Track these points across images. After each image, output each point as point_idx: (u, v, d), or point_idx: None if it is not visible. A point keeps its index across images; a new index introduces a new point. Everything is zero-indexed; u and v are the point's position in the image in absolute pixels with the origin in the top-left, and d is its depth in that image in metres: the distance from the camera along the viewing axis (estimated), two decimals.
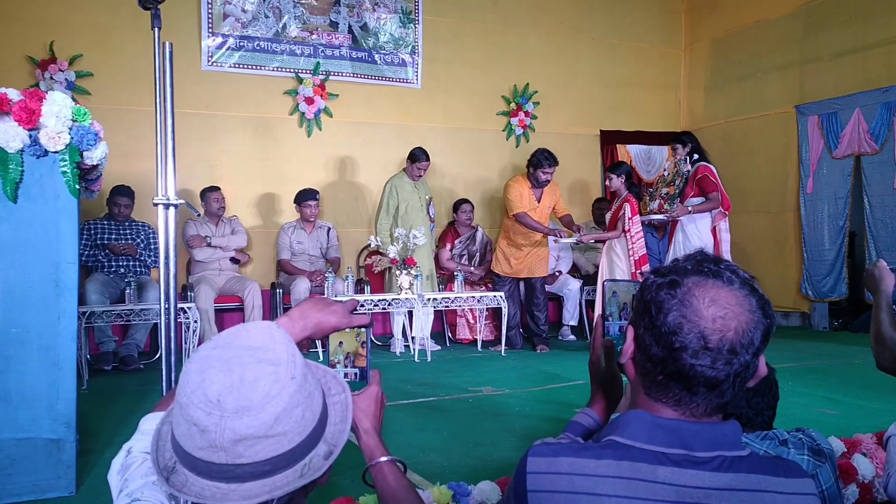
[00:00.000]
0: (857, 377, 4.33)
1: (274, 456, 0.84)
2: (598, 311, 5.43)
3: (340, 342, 1.32)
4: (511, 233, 5.74)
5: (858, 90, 6.28)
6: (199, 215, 4.40)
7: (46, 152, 2.35)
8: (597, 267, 6.65)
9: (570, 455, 1.03)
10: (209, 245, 5.52)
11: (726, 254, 5.60)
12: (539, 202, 5.71)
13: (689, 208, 5.51)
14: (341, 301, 1.29)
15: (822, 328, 6.72)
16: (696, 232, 5.54)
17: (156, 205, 2.05)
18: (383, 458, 1.21)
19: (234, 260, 5.76)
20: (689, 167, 5.59)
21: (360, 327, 1.30)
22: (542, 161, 5.60)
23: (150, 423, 1.12)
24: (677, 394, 1.02)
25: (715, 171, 5.61)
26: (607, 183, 5.68)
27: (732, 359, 0.98)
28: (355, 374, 1.32)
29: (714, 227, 5.62)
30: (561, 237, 5.56)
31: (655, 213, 5.65)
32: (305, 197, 5.83)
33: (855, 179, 6.42)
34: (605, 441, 1.05)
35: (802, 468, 1.07)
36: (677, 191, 5.55)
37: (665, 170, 5.86)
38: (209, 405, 0.81)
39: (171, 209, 2.05)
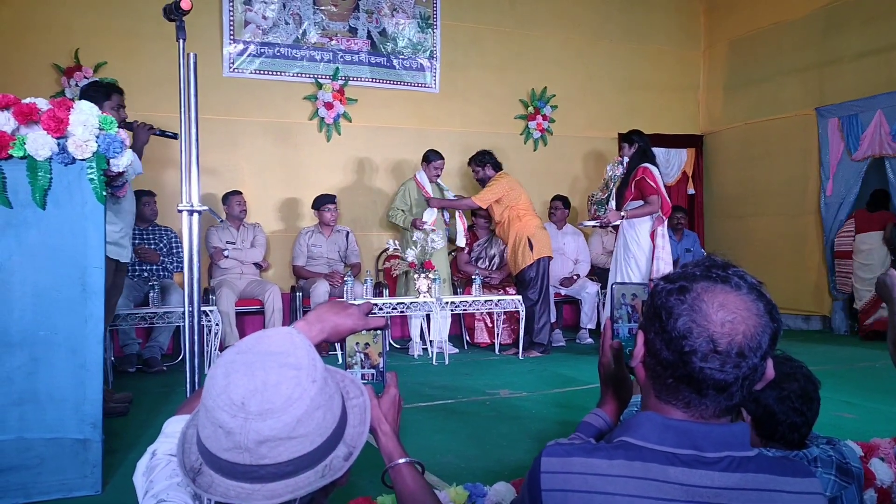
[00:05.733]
0: (876, 381, 4.30)
1: (296, 457, 0.88)
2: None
3: (357, 343, 1.36)
4: None
5: (880, 91, 6.22)
6: (221, 221, 4.48)
7: (74, 160, 2.41)
8: None
9: (583, 455, 1.06)
10: (226, 257, 5.61)
11: (660, 260, 5.21)
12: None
13: (623, 213, 5.25)
14: (357, 304, 1.32)
15: (843, 332, 6.65)
16: (636, 238, 5.26)
17: (180, 211, 2.10)
18: (402, 460, 1.25)
19: (256, 264, 5.84)
20: (621, 170, 5.32)
21: (375, 329, 1.34)
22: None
23: (173, 426, 1.16)
24: (687, 396, 1.05)
25: (656, 173, 5.31)
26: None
27: (741, 362, 1.01)
28: (372, 374, 1.36)
29: (653, 232, 5.27)
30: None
31: (591, 219, 5.48)
32: (323, 201, 5.92)
33: (871, 180, 6.37)
34: (616, 442, 1.08)
35: (808, 467, 1.09)
36: (607, 195, 5.31)
37: (607, 171, 5.47)
38: (234, 408, 0.85)
39: (195, 215, 2.11)
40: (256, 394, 0.86)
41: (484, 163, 5.82)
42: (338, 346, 4.42)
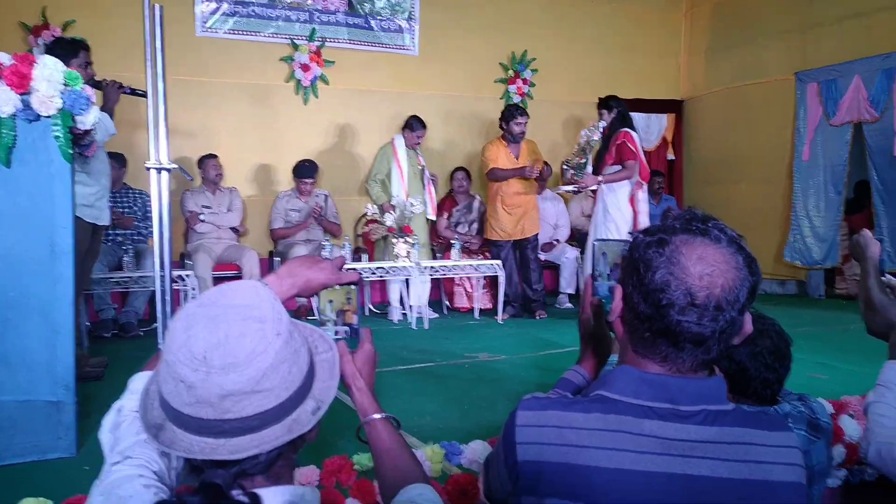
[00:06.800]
0: (850, 343, 4.37)
1: (261, 411, 0.85)
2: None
3: (330, 300, 1.33)
4: (501, 195, 5.72)
5: (859, 56, 6.21)
6: (191, 179, 4.35)
7: (39, 117, 2.34)
8: None
9: (559, 409, 1.05)
10: (202, 221, 5.52)
11: (643, 225, 4.98)
12: (518, 159, 5.69)
13: (600, 178, 5.25)
14: (329, 258, 1.30)
15: (818, 296, 6.75)
16: (616, 203, 5.25)
17: (148, 169, 2.04)
18: (377, 415, 1.23)
19: (234, 229, 5.77)
20: (599, 135, 5.27)
21: (349, 284, 1.31)
22: (513, 113, 5.61)
23: (138, 382, 1.14)
24: (664, 350, 1.04)
25: (636, 138, 5.31)
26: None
27: (718, 315, 1.00)
28: (346, 331, 1.34)
29: (632, 197, 5.28)
30: (532, 172, 5.45)
31: (566, 184, 5.45)
32: (303, 173, 5.81)
33: (854, 147, 6.39)
34: (593, 396, 1.08)
35: (784, 421, 1.09)
36: (585, 159, 5.28)
37: (582, 137, 5.37)
38: (195, 362, 0.83)
39: (164, 174, 2.05)
40: (219, 347, 0.83)
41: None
42: (316, 308, 4.37)
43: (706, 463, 1.00)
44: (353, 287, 1.34)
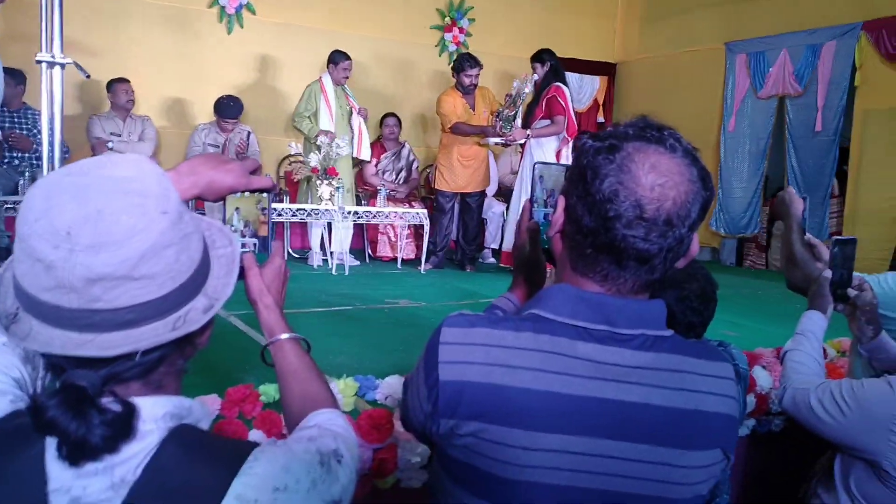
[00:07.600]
0: (759, 306, 4.52)
1: (139, 303, 0.71)
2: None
3: (237, 208, 1.18)
4: (457, 147, 5.52)
5: (787, 30, 6.33)
6: (88, 77, 3.92)
7: None
8: None
9: (487, 326, 0.95)
10: (110, 150, 5.14)
11: None
12: (474, 110, 5.53)
13: (528, 132, 5.19)
14: (239, 160, 1.14)
15: (730, 263, 6.97)
16: (542, 158, 5.12)
17: (39, 62, 1.79)
18: (284, 335, 1.11)
19: None
20: (530, 87, 5.19)
21: (260, 191, 1.16)
22: (462, 64, 5.39)
23: None
24: (605, 268, 0.95)
25: (567, 94, 5.25)
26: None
27: (667, 231, 0.91)
28: (255, 244, 1.20)
29: (558, 153, 5.25)
30: (500, 134, 5.27)
31: (494, 136, 5.34)
32: (226, 113, 5.48)
33: (777, 120, 6.55)
34: (526, 314, 0.98)
35: (722, 353, 1.04)
36: (515, 111, 5.20)
37: (514, 87, 5.24)
38: (56, 237, 0.67)
39: (57, 69, 1.81)
40: (88, 222, 0.68)
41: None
42: (222, 216, 4.09)
43: (640, 389, 0.94)
44: (265, 195, 1.20)
